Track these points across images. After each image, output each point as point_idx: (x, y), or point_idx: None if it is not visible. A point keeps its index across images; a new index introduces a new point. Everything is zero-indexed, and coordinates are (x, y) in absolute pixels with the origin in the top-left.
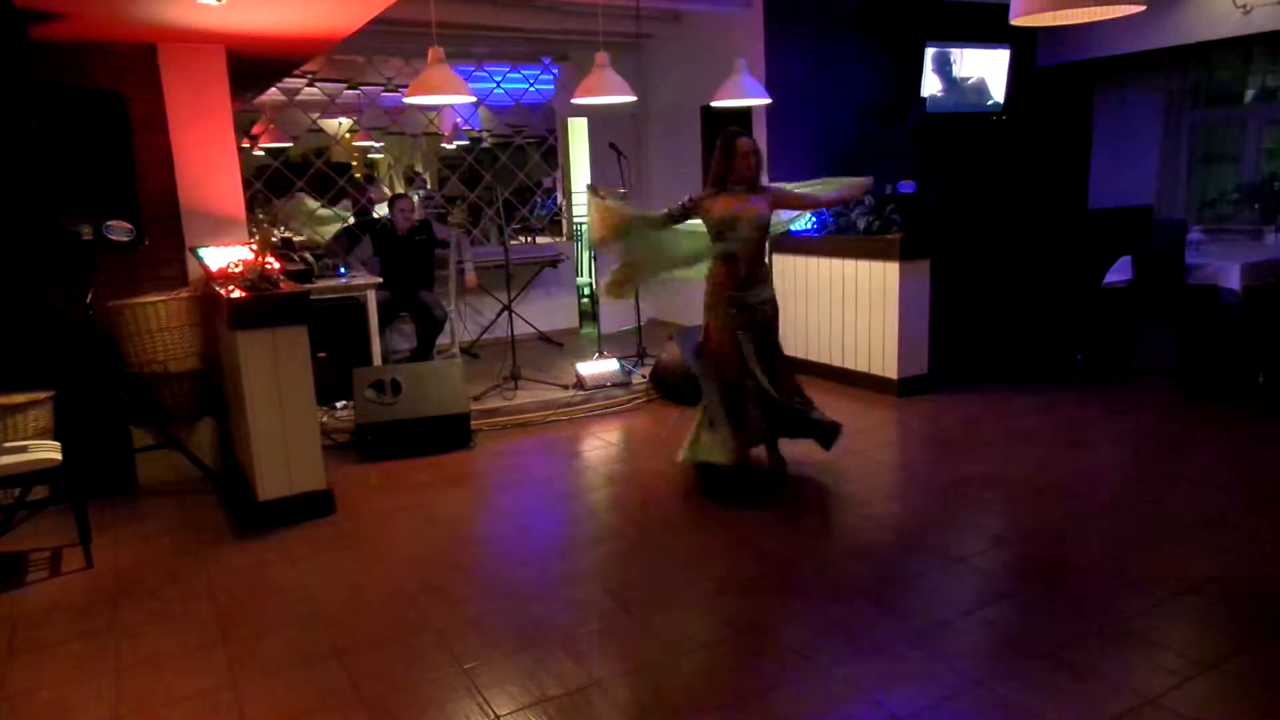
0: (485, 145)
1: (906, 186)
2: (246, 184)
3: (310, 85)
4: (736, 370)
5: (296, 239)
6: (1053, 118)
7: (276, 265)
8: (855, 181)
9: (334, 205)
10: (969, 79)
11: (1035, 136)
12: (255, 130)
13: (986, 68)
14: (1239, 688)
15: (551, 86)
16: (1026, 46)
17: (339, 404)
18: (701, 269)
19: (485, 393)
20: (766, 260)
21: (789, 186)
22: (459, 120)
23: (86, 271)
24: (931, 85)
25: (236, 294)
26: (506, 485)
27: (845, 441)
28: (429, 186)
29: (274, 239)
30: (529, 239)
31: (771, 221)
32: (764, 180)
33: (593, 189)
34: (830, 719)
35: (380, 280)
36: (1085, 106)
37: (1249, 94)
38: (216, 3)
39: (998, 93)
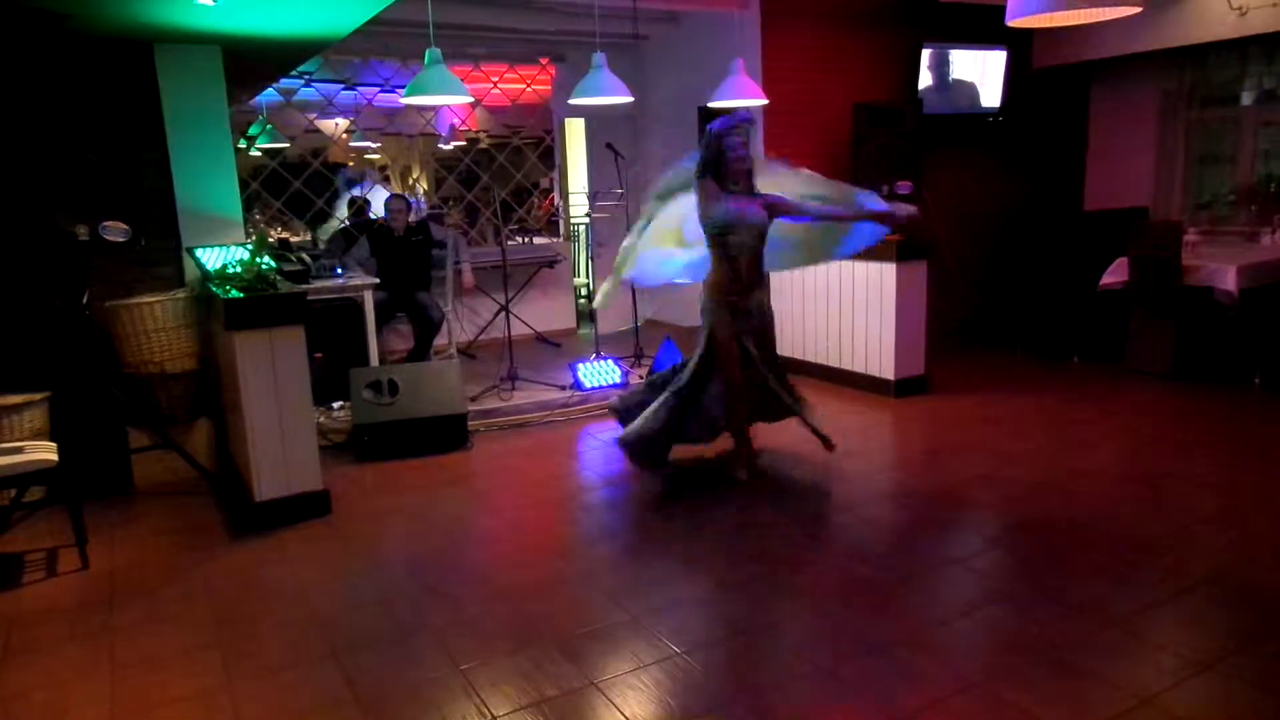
0: (482, 146)
1: (904, 187)
2: (243, 184)
3: (307, 86)
4: (742, 372)
5: (294, 239)
6: (1049, 119)
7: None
8: (863, 204)
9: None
10: (966, 80)
11: (1032, 137)
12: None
13: (983, 69)
14: (1236, 688)
15: (549, 87)
16: (1023, 48)
17: (336, 404)
18: (696, 251)
19: (482, 393)
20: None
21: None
22: (456, 121)
23: (83, 272)
24: (928, 86)
25: (233, 294)
26: (503, 486)
27: (842, 442)
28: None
29: (271, 239)
30: (526, 239)
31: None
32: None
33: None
34: None
35: (377, 281)
36: (1082, 108)
37: (1245, 95)
38: (212, 2)
39: (994, 94)
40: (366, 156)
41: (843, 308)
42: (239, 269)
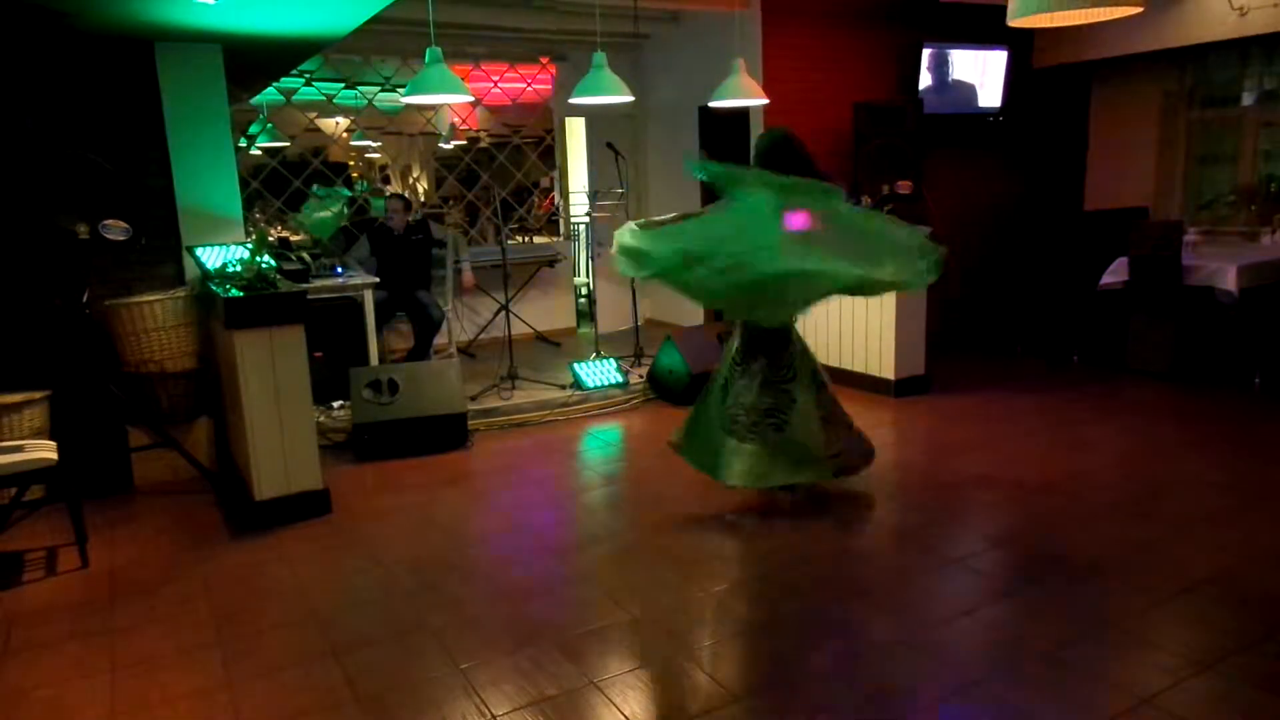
0: (482, 145)
1: (904, 187)
2: (244, 183)
3: (308, 85)
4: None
5: (294, 238)
6: (1050, 119)
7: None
8: None
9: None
10: (966, 80)
11: (1032, 137)
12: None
13: (983, 69)
14: (1235, 688)
15: (549, 86)
16: (1023, 48)
17: (336, 403)
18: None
19: (482, 392)
20: None
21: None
22: (456, 120)
23: (83, 270)
24: (928, 86)
25: (233, 293)
26: (503, 485)
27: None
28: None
29: (271, 238)
30: (526, 239)
31: None
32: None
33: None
34: (829, 719)
35: (377, 280)
36: (1082, 108)
37: (1245, 95)
38: (213, 1)
39: (995, 94)
40: (367, 156)
41: (843, 307)
42: (239, 268)
